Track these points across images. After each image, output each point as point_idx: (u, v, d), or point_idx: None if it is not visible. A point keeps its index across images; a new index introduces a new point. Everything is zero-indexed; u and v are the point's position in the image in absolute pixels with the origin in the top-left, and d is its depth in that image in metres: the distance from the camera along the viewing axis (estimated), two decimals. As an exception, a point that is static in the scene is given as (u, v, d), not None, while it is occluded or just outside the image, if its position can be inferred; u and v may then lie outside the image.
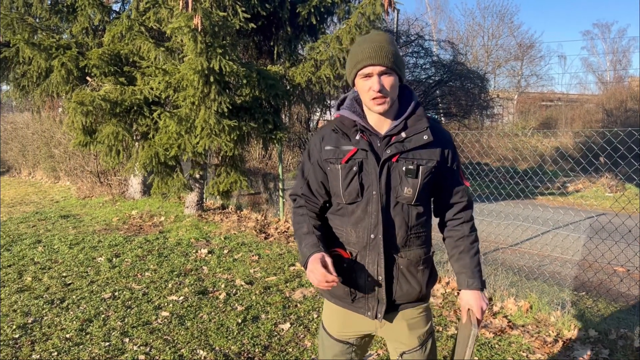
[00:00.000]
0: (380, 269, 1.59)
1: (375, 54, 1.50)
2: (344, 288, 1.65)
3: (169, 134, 5.87)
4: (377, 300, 1.62)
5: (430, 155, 1.60)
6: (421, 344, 1.70)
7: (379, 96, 1.51)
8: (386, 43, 1.52)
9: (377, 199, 1.58)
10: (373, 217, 1.59)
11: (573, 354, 3.10)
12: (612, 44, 38.00)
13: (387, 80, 1.52)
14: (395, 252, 1.61)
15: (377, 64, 1.49)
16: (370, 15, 5.88)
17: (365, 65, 1.51)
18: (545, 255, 5.62)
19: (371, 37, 1.56)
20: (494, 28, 30.85)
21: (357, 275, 1.63)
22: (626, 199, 8.58)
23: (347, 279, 1.64)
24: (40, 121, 12.87)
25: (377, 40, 1.53)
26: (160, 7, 6.15)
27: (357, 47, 1.55)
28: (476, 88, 15.29)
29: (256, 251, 5.61)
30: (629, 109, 18.67)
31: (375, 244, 1.59)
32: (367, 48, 1.51)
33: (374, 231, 1.59)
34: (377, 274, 1.60)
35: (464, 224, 1.71)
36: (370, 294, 1.62)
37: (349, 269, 1.64)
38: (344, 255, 1.64)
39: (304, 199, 1.73)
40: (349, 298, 1.66)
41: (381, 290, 1.61)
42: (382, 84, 1.51)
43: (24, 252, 5.59)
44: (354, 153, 1.59)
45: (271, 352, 3.16)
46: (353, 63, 1.56)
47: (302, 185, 1.73)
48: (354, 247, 1.63)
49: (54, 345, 3.22)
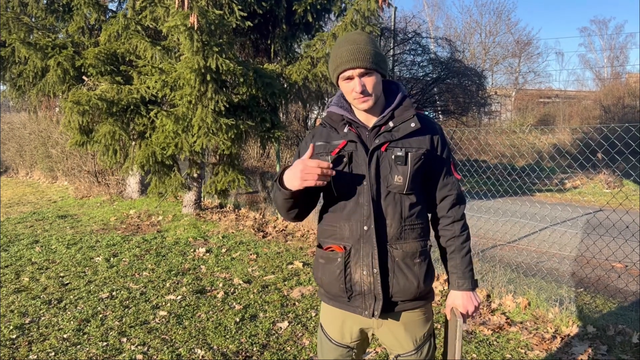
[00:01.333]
0: (375, 261, 1.57)
1: (354, 56, 1.51)
2: (339, 285, 1.63)
3: (166, 133, 5.85)
4: (374, 297, 1.60)
5: (419, 144, 1.61)
6: (417, 348, 1.68)
7: (360, 97, 1.55)
8: (364, 44, 1.53)
9: (367, 189, 1.57)
10: (365, 209, 1.58)
11: (571, 350, 3.10)
12: (609, 41, 38.13)
13: (368, 81, 1.54)
14: (390, 244, 1.60)
15: (356, 66, 1.52)
16: (365, 11, 5.87)
17: (345, 68, 1.53)
18: (543, 252, 5.62)
19: (349, 38, 1.57)
20: (491, 25, 30.93)
21: (352, 270, 1.61)
22: (624, 195, 8.59)
23: (342, 275, 1.63)
24: (37, 121, 12.83)
25: (355, 41, 1.54)
26: (156, 6, 6.12)
27: (337, 50, 1.57)
28: (474, 85, 15.27)
29: (254, 250, 5.60)
30: (626, 105, 18.71)
31: (369, 236, 1.58)
32: (346, 51, 1.53)
33: (367, 223, 1.58)
34: (372, 266, 1.58)
35: (454, 223, 1.70)
36: (367, 290, 1.60)
37: (344, 264, 1.62)
38: (338, 250, 1.63)
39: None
40: (345, 296, 1.64)
41: (377, 284, 1.58)
42: (363, 85, 1.54)
43: (21, 252, 5.57)
44: (343, 146, 1.60)
45: (269, 350, 3.16)
46: (334, 66, 1.58)
47: None
48: (347, 242, 1.62)
49: (52, 346, 3.21)
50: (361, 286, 1.61)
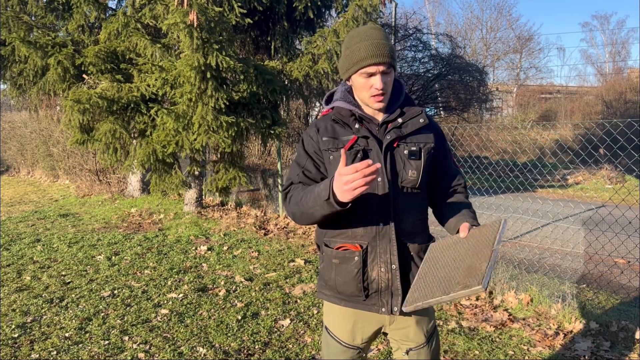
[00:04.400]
0: (394, 257, 1.56)
1: (379, 52, 1.50)
2: (357, 284, 1.59)
3: (166, 131, 5.84)
4: (391, 294, 1.58)
5: (426, 139, 1.64)
6: (427, 340, 1.69)
7: (379, 94, 1.54)
8: (385, 39, 1.53)
9: (382, 185, 1.56)
10: (381, 205, 1.57)
11: (574, 346, 3.09)
12: (611, 36, 37.96)
13: (387, 78, 1.55)
14: (406, 238, 1.59)
15: (380, 62, 1.51)
16: (367, 7, 5.85)
17: (369, 64, 1.52)
18: (545, 248, 5.61)
19: (368, 33, 1.54)
20: (492, 21, 30.80)
21: (370, 268, 1.58)
22: (626, 191, 8.56)
23: (360, 274, 1.59)
24: (38, 120, 12.84)
25: (376, 36, 1.53)
26: (156, 4, 6.11)
27: (356, 44, 1.54)
28: (475, 81, 15.21)
29: (256, 247, 5.59)
30: (628, 101, 18.63)
31: (385, 233, 1.56)
32: (369, 45, 1.51)
33: (383, 219, 1.57)
34: (391, 262, 1.56)
35: (460, 194, 1.74)
36: (384, 286, 1.58)
37: (362, 263, 1.58)
38: (354, 249, 1.59)
39: (300, 185, 1.64)
40: (362, 295, 1.60)
41: (396, 280, 1.56)
42: (384, 83, 1.54)
43: (23, 251, 5.57)
44: (355, 141, 1.59)
45: (271, 348, 3.15)
46: (354, 60, 1.55)
47: (299, 172, 1.65)
48: (363, 240, 1.58)
49: (53, 344, 3.21)
50: (378, 284, 1.59)
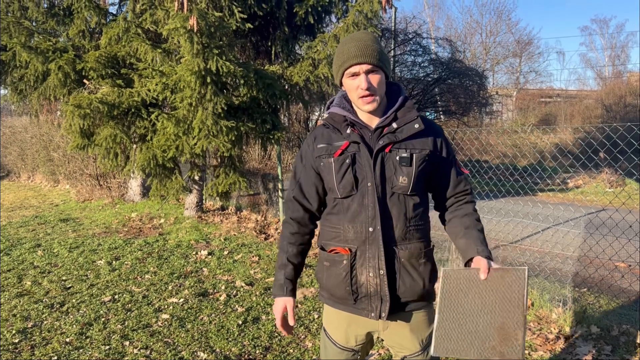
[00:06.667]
0: (381, 262, 1.57)
1: (361, 52, 1.52)
2: (345, 287, 1.62)
3: (166, 135, 5.85)
4: (380, 299, 1.59)
5: (422, 145, 1.62)
6: (423, 348, 1.68)
7: (367, 94, 1.54)
8: (370, 41, 1.54)
9: (372, 190, 1.57)
10: (370, 210, 1.58)
11: (575, 350, 3.08)
12: (610, 40, 38.00)
13: (374, 78, 1.55)
14: (395, 244, 1.60)
15: (363, 62, 1.52)
16: (367, 12, 5.86)
17: (352, 64, 1.54)
18: (545, 252, 5.60)
19: (354, 36, 1.58)
20: (491, 25, 30.90)
21: (358, 272, 1.61)
22: (626, 195, 8.55)
23: (348, 277, 1.62)
24: (39, 125, 12.85)
25: (362, 38, 1.55)
26: (156, 9, 6.12)
27: (343, 47, 1.58)
28: (475, 85, 15.24)
29: (256, 252, 5.59)
30: (628, 104, 18.65)
31: (374, 238, 1.57)
32: (353, 47, 1.54)
33: (372, 224, 1.57)
34: (379, 267, 1.57)
35: (467, 204, 1.72)
36: (373, 291, 1.59)
37: (350, 266, 1.61)
38: (343, 252, 1.62)
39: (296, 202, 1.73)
40: (351, 299, 1.63)
41: (384, 285, 1.58)
42: (369, 82, 1.54)
43: (23, 256, 5.57)
44: (346, 147, 1.60)
45: (272, 353, 3.15)
46: (339, 62, 1.58)
47: (294, 187, 1.74)
48: (352, 244, 1.61)
49: (54, 350, 3.21)
50: (367, 288, 1.60)
